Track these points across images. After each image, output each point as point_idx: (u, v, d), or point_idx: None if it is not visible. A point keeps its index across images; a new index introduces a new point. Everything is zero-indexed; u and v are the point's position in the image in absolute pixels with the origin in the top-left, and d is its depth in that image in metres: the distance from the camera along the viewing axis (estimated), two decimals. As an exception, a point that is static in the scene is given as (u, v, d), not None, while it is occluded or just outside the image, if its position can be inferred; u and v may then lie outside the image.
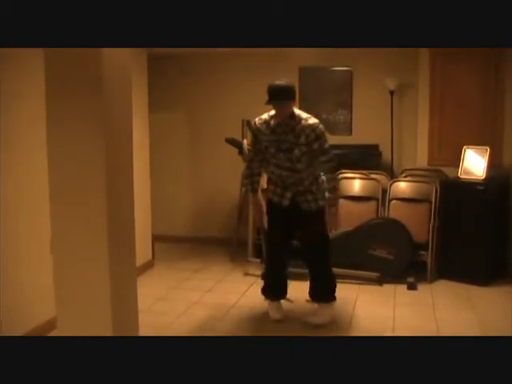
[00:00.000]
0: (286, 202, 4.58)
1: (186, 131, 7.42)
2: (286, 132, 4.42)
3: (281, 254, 4.77)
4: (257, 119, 4.60)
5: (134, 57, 5.16)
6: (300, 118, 4.42)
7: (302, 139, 4.38)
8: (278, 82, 4.44)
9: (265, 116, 4.57)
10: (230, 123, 6.46)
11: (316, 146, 4.39)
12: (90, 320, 3.14)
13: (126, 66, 3.24)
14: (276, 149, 4.46)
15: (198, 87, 7.29)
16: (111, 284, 3.06)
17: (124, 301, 3.26)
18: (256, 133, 4.58)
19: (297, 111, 4.46)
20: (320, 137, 4.39)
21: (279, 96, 4.35)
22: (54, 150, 3.11)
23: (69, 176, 3.10)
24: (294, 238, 4.78)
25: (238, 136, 6.11)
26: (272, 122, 4.48)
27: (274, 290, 4.86)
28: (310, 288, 4.81)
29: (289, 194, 4.57)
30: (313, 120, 4.43)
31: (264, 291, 4.88)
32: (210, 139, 7.20)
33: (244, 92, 7.11)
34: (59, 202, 3.13)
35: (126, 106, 3.29)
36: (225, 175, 7.16)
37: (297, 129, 4.40)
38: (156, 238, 6.56)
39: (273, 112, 4.50)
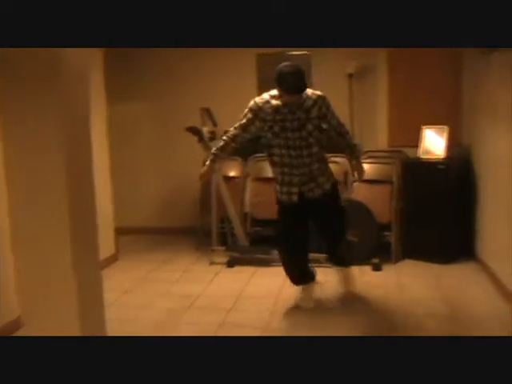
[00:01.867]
0: (295, 198, 4.43)
1: (148, 122, 7.35)
2: (294, 110, 4.24)
3: (301, 244, 4.62)
4: (257, 99, 4.36)
5: (90, 49, 5.07)
6: (306, 94, 4.25)
7: (314, 113, 4.26)
8: (290, 69, 4.15)
9: (266, 96, 4.36)
10: (191, 112, 6.40)
11: (330, 116, 4.33)
12: (56, 317, 3.10)
13: (83, 61, 3.18)
14: (281, 128, 4.27)
15: (157, 77, 7.22)
16: (75, 279, 3.02)
17: (89, 295, 3.22)
18: (257, 112, 4.32)
19: None
20: (330, 107, 4.34)
21: (298, 88, 4.15)
22: (12, 147, 3.05)
23: (27, 172, 3.05)
24: (308, 225, 4.63)
25: (198, 124, 6.05)
26: (275, 102, 4.29)
27: (304, 274, 4.77)
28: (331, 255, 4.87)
29: (295, 189, 4.40)
30: (318, 91, 4.34)
31: (293, 280, 4.78)
32: (172, 129, 7.11)
33: (203, 80, 7.07)
34: (18, 198, 3.07)
35: (84, 99, 3.23)
36: (187, 164, 7.07)
37: (305, 104, 4.24)
38: (121, 231, 6.49)
39: (274, 92, 4.33)
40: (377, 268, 5.56)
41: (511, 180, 4.59)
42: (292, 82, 4.11)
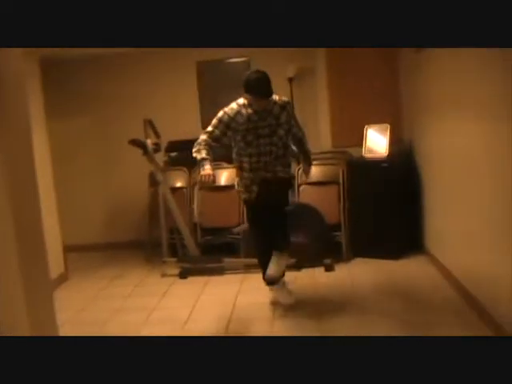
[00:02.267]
0: (254, 195, 4.55)
1: (90, 136, 7.23)
2: (264, 117, 4.39)
3: (271, 237, 4.65)
4: (227, 109, 4.44)
5: (26, 62, 4.94)
6: (274, 99, 4.44)
7: (283, 118, 4.45)
8: (257, 75, 4.34)
9: (234, 106, 4.44)
10: (133, 124, 6.33)
11: (293, 122, 4.56)
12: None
13: (19, 71, 3.09)
14: (254, 136, 4.40)
15: (96, 91, 7.10)
16: (26, 301, 2.92)
17: (42, 315, 3.12)
18: (229, 123, 4.41)
19: None
20: (292, 110, 4.62)
21: (267, 92, 4.32)
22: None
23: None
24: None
25: (141, 136, 5.97)
26: (245, 111, 4.40)
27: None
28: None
29: (255, 188, 4.51)
30: (284, 97, 4.59)
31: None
32: (114, 142, 7.02)
33: (145, 91, 7.02)
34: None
35: (23, 115, 3.14)
36: (132, 177, 7.01)
37: (274, 110, 4.42)
38: (69, 249, 6.35)
39: (241, 100, 4.44)
40: (329, 268, 5.60)
41: (451, 172, 4.71)
42: (260, 87, 4.28)
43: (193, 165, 6.37)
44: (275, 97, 4.44)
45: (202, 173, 4.44)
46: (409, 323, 4.15)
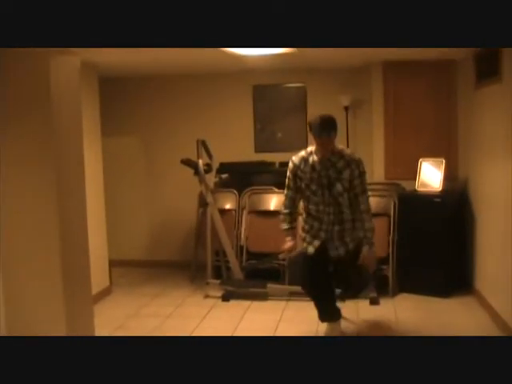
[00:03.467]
0: (312, 250, 4.50)
1: (141, 154, 7.32)
2: (327, 167, 4.34)
3: (324, 288, 4.66)
4: (294, 157, 4.49)
5: (85, 79, 5.04)
6: (343, 154, 4.38)
7: (346, 174, 4.33)
8: (322, 115, 4.32)
9: (302, 153, 4.48)
10: (184, 145, 6.38)
11: (358, 182, 4.35)
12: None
13: (74, 84, 3.14)
14: (318, 186, 4.38)
15: (151, 110, 7.21)
16: (66, 315, 2.94)
17: (80, 329, 3.14)
18: (296, 171, 4.45)
19: (339, 146, 4.43)
20: (363, 174, 4.38)
21: (330, 128, 4.28)
22: (4, 177, 2.99)
23: (20, 203, 2.98)
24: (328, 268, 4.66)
25: (193, 157, 6.01)
26: (311, 159, 4.40)
27: (329, 311, 4.73)
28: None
29: (318, 242, 4.48)
30: (357, 155, 4.45)
31: (321, 316, 4.73)
32: (165, 161, 7.11)
33: (198, 113, 7.09)
34: (11, 229, 3.00)
35: (77, 130, 3.19)
36: (181, 197, 7.06)
37: (339, 164, 4.33)
38: (113, 264, 6.40)
39: (310, 148, 4.45)
40: (374, 302, 5.49)
41: (506, 214, 4.58)
42: (320, 125, 4.24)
43: (243, 187, 6.42)
44: (346, 152, 4.41)
45: (284, 247, 4.59)
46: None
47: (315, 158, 4.37)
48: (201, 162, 5.90)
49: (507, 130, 4.52)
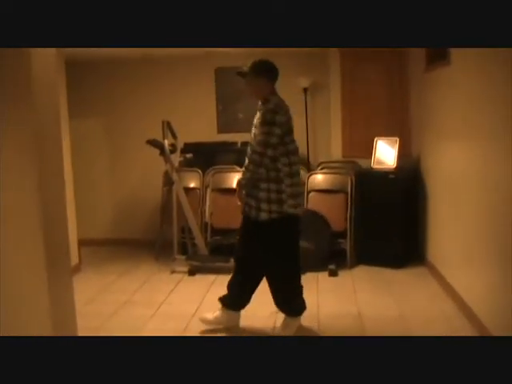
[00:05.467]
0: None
1: (107, 136, 7.48)
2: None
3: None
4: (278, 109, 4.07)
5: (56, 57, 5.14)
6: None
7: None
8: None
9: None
10: (149, 126, 6.57)
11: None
12: (29, 324, 3.15)
13: (51, 71, 3.29)
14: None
15: (116, 92, 7.37)
16: (49, 287, 3.10)
17: (62, 303, 3.32)
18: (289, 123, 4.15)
19: (274, 97, 4.15)
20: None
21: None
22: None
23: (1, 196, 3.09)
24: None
25: (158, 137, 6.18)
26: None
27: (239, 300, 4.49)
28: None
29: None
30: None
31: (225, 300, 4.50)
32: (130, 142, 7.29)
33: (162, 94, 7.26)
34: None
35: (55, 113, 3.35)
36: (146, 177, 7.26)
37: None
38: (80, 242, 6.55)
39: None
40: (333, 274, 5.79)
41: (452, 188, 4.91)
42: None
43: (206, 166, 6.63)
44: (273, 100, 4.11)
45: None
46: (398, 333, 4.36)
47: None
48: (166, 142, 6.09)
49: (454, 109, 4.83)
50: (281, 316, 4.46)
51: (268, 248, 4.19)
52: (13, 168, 3.06)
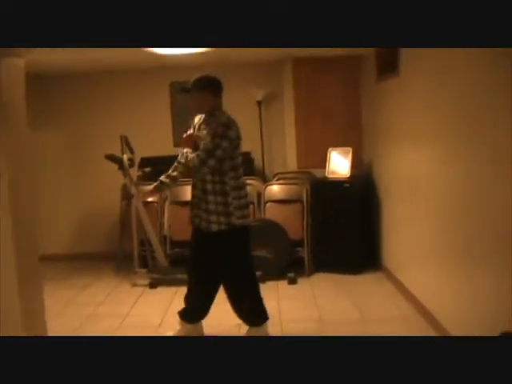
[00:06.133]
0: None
1: (65, 149, 7.49)
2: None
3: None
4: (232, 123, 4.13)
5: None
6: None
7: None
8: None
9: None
10: (108, 139, 6.59)
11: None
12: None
13: (21, 83, 3.33)
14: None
15: (76, 105, 7.39)
16: (20, 296, 3.14)
17: (33, 314, 3.36)
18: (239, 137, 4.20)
19: (221, 112, 4.20)
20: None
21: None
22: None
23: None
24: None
25: (114, 152, 6.23)
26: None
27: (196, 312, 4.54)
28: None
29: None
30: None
31: (183, 314, 4.55)
32: (88, 156, 7.31)
33: (121, 108, 7.32)
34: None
35: (24, 124, 3.40)
36: (104, 191, 7.26)
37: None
38: (41, 258, 6.50)
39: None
40: (292, 281, 5.93)
41: (403, 194, 5.14)
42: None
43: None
44: (221, 115, 4.17)
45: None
46: (364, 329, 4.53)
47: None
48: (125, 156, 6.14)
49: (403, 117, 5.07)
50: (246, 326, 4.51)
51: (221, 259, 4.26)
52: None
